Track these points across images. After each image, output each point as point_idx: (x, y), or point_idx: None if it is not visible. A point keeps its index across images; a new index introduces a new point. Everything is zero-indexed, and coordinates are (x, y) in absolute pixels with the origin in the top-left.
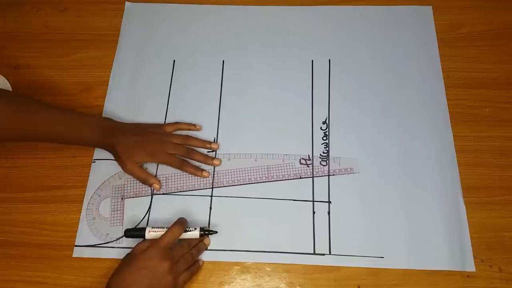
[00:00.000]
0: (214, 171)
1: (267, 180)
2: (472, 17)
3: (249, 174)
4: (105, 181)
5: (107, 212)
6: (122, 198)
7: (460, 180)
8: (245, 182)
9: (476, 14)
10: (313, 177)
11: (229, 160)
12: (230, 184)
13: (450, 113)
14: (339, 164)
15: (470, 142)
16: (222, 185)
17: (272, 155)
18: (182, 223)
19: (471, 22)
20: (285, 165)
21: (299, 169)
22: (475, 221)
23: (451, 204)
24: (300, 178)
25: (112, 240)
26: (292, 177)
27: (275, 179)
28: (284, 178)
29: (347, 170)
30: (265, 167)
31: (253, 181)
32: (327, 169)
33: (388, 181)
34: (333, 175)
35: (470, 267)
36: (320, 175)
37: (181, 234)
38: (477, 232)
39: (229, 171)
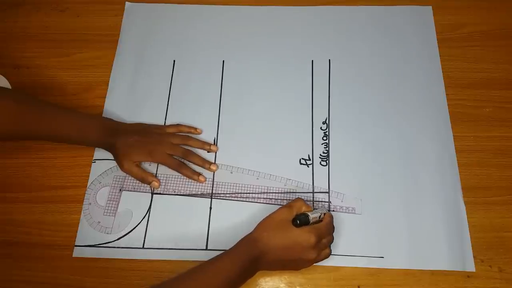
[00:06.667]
0: (213, 181)
1: (264, 202)
2: (472, 17)
3: (249, 192)
4: (107, 170)
5: (104, 200)
6: (120, 190)
7: (460, 180)
8: (243, 199)
9: (476, 14)
10: (313, 201)
11: (231, 173)
12: (228, 199)
13: (450, 113)
14: (342, 201)
15: (470, 142)
16: (219, 196)
17: (275, 177)
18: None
19: (471, 22)
20: (286, 189)
21: (300, 196)
22: (475, 221)
23: (451, 204)
24: None
25: (112, 240)
26: None
27: (273, 203)
28: (282, 204)
29: (349, 209)
30: (266, 187)
31: (250, 200)
32: (328, 205)
33: (388, 181)
34: (333, 211)
35: (470, 267)
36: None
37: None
38: (477, 232)
39: (230, 184)
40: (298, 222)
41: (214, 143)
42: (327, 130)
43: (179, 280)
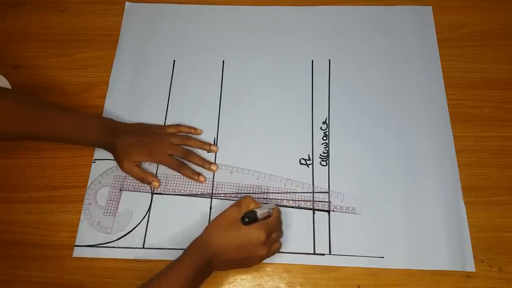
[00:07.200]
0: (213, 181)
1: (264, 202)
2: (472, 17)
3: (249, 192)
4: (107, 170)
5: (104, 200)
6: (120, 190)
7: (460, 180)
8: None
9: (476, 14)
10: (313, 209)
11: (231, 173)
12: (228, 199)
13: (450, 113)
14: (342, 201)
15: (470, 142)
16: (219, 196)
17: (275, 177)
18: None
19: (471, 22)
20: (286, 189)
21: (300, 196)
22: (475, 221)
23: (451, 204)
24: (299, 208)
25: (112, 240)
26: (291, 205)
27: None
28: (282, 204)
29: (349, 209)
30: (266, 187)
31: None
32: (328, 205)
33: (388, 181)
34: (334, 211)
35: (470, 267)
36: (320, 208)
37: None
38: (477, 232)
39: (230, 184)
40: (247, 220)
41: (214, 143)
42: (327, 130)
43: (150, 281)
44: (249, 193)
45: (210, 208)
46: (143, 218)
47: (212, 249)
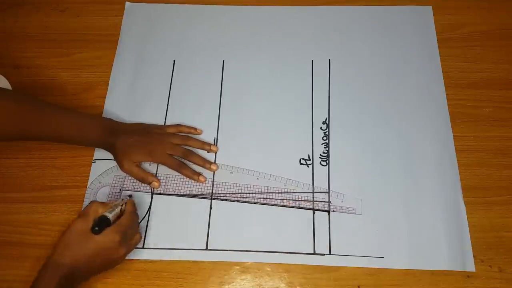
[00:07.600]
0: (213, 181)
1: (265, 203)
2: (472, 17)
3: (249, 192)
4: (107, 170)
5: (104, 200)
6: (120, 189)
7: (460, 180)
8: (243, 200)
9: (476, 14)
10: (313, 210)
11: (231, 173)
12: (228, 199)
13: (450, 113)
14: (342, 201)
15: (470, 142)
16: (219, 197)
17: (275, 177)
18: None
19: (471, 22)
20: (286, 189)
21: (300, 196)
22: (475, 221)
23: (451, 204)
24: (299, 208)
25: None
26: (291, 205)
27: (273, 204)
28: (282, 204)
29: (349, 209)
30: (266, 187)
31: (251, 201)
32: (328, 206)
33: (388, 181)
34: (334, 211)
35: (470, 267)
36: (320, 208)
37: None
38: (477, 232)
39: (230, 184)
40: (97, 228)
41: (214, 143)
42: (327, 130)
43: None
44: (249, 193)
45: (210, 208)
46: (143, 218)
47: (68, 267)
